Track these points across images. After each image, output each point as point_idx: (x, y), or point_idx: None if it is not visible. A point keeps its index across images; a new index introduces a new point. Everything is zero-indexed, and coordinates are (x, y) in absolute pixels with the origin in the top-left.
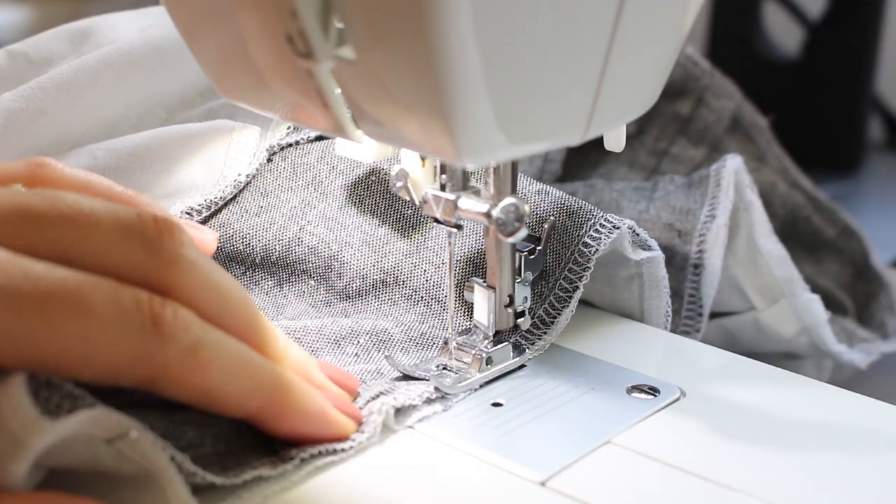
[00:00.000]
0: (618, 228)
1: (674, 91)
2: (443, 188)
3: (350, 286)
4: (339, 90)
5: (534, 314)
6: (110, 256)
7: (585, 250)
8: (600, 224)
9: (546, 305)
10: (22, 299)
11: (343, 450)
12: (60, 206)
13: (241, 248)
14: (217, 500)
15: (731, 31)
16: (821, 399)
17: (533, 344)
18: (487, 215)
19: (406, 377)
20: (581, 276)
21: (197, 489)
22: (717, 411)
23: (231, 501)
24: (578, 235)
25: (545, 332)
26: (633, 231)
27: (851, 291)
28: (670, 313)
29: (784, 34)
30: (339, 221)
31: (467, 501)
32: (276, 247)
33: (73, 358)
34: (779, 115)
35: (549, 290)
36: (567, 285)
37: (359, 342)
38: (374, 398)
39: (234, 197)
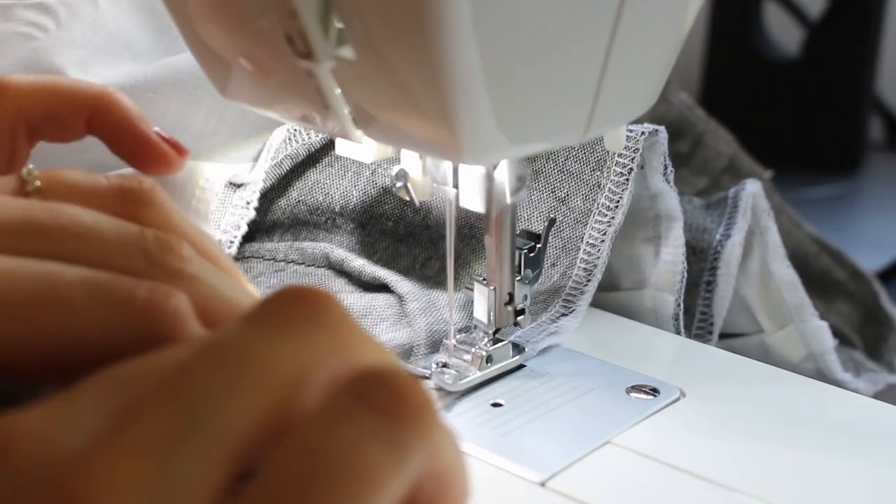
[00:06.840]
0: (658, 129)
1: (671, 133)
2: None
3: (428, 218)
4: (339, 90)
5: (596, 202)
6: (111, 266)
7: (627, 143)
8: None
9: (603, 202)
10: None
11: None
12: (62, 218)
13: (322, 198)
14: None
15: (731, 31)
16: (821, 399)
17: (604, 234)
18: (487, 176)
19: None
20: (629, 168)
21: None
22: (717, 411)
23: None
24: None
25: (613, 218)
26: (665, 152)
27: (861, 332)
28: (685, 274)
29: (784, 34)
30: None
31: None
32: (354, 192)
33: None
34: (779, 115)
35: (605, 179)
36: (620, 169)
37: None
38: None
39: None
